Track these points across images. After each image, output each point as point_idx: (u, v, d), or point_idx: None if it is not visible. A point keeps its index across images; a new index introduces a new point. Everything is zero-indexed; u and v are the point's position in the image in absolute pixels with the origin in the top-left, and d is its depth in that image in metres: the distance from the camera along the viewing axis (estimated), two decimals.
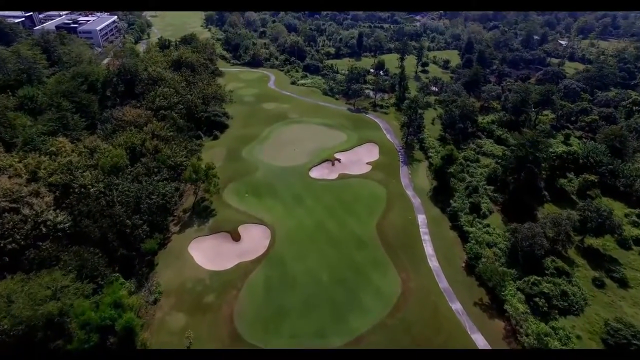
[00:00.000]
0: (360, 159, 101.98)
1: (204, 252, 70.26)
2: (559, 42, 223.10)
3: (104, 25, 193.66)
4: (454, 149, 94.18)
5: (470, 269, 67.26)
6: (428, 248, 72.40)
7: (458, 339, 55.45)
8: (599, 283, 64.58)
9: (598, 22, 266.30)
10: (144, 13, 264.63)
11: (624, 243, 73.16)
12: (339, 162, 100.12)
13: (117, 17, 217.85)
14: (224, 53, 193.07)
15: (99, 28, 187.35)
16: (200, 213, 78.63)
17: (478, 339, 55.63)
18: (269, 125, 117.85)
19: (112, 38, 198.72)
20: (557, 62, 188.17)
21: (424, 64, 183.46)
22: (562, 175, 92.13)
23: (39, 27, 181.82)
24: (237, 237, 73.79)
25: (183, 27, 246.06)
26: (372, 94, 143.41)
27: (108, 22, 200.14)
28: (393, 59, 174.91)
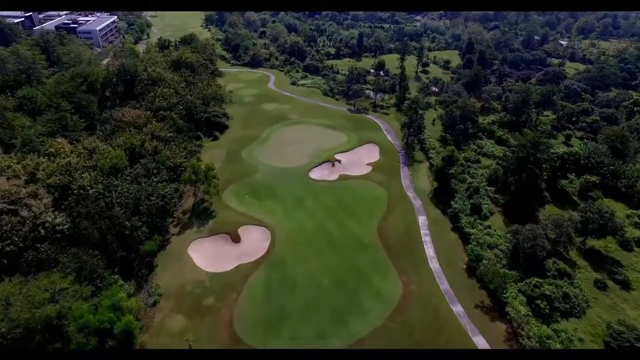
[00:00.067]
0: (361, 160, 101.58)
1: (204, 253, 69.85)
2: (560, 42, 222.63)
3: (104, 26, 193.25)
4: (455, 150, 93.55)
5: (472, 271, 66.78)
6: (429, 250, 71.98)
7: (459, 342, 54.98)
8: (601, 285, 64.19)
9: (599, 22, 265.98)
10: (144, 13, 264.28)
11: (626, 245, 72.75)
12: (339, 163, 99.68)
13: (116, 17, 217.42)
14: (224, 53, 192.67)
15: (99, 28, 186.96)
16: (200, 214, 78.24)
17: (479, 342, 55.21)
18: (269, 126, 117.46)
19: (111, 38, 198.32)
20: (557, 62, 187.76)
21: (425, 64, 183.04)
22: (563, 176, 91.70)
23: (39, 27, 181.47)
24: (237, 238, 73.40)
25: (183, 27, 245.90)
26: (372, 95, 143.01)
27: (108, 22, 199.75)
28: (393, 59, 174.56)
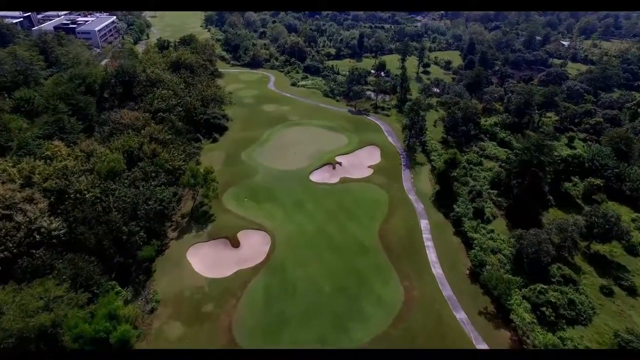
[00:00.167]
0: (362, 163, 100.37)
1: (203, 258, 68.71)
2: (561, 42, 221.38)
3: (103, 26, 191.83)
4: (457, 152, 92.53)
5: (475, 277, 65.64)
6: (431, 254, 70.81)
7: None
8: (607, 291, 62.99)
9: (600, 22, 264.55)
10: (143, 13, 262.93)
11: (632, 249, 71.53)
12: (340, 165, 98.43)
13: (116, 17, 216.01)
14: (224, 54, 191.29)
15: (98, 29, 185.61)
16: (199, 218, 77.06)
17: None
18: (269, 128, 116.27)
19: (110, 39, 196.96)
20: (559, 63, 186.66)
21: (426, 65, 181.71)
22: (567, 179, 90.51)
23: (37, 27, 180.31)
24: (236, 243, 72.23)
25: (182, 27, 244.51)
26: (373, 96, 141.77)
27: (107, 22, 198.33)
28: (394, 60, 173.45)
